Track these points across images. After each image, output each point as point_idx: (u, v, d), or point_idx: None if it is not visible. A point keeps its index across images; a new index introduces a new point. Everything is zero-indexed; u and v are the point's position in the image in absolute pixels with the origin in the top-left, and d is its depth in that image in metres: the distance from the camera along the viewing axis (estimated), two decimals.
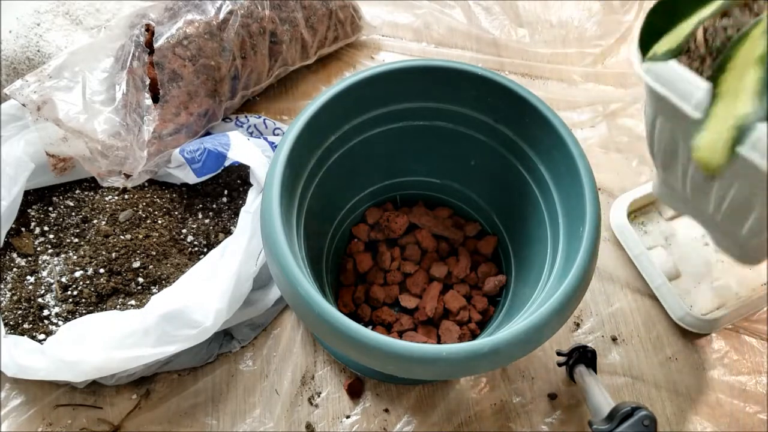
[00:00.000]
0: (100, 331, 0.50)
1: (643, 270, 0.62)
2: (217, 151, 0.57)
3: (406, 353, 0.37)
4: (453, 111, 0.52)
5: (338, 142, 0.51)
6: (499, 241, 0.60)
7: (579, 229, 0.42)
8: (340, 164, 0.53)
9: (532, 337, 0.39)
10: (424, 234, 0.61)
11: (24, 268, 0.58)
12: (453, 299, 0.57)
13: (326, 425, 0.56)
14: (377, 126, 0.53)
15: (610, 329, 0.61)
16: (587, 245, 0.41)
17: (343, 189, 0.57)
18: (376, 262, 0.60)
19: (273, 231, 0.41)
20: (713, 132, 0.32)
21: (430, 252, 0.61)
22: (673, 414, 0.57)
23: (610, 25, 0.79)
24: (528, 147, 0.49)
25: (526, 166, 0.51)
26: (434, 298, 0.58)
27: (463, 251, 0.60)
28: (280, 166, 0.44)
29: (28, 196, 0.61)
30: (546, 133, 0.46)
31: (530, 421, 0.56)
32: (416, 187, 0.62)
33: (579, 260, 0.41)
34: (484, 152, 0.53)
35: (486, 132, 0.52)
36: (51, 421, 0.55)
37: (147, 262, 0.57)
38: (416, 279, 0.59)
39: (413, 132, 0.54)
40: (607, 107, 0.73)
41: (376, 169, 0.59)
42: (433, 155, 0.57)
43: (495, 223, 0.59)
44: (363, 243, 0.61)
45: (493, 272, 0.60)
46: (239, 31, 0.62)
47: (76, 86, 0.58)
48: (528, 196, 0.51)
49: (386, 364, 0.38)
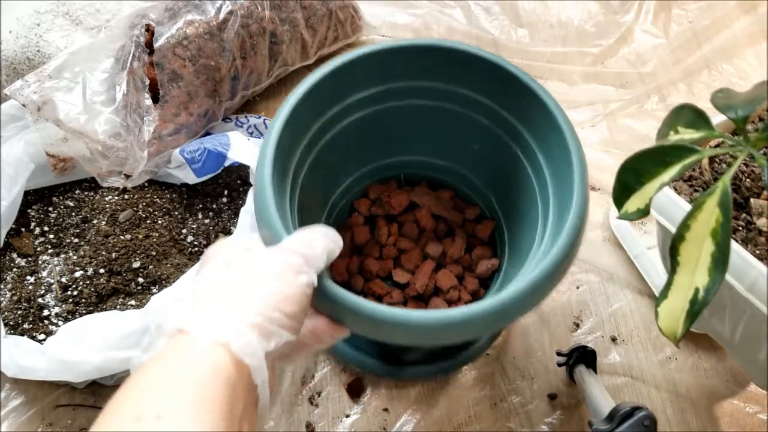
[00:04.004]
0: (100, 331, 0.50)
1: (643, 270, 0.62)
2: (217, 151, 0.57)
3: (393, 318, 0.37)
4: (459, 93, 0.52)
5: (341, 113, 0.51)
6: (496, 226, 0.61)
7: (567, 207, 0.43)
8: (342, 137, 0.53)
9: (507, 308, 0.39)
10: (424, 213, 0.61)
11: (24, 268, 0.58)
12: (444, 278, 0.58)
13: (326, 425, 0.56)
14: (382, 102, 0.53)
15: (610, 329, 0.61)
16: (571, 225, 0.41)
17: (344, 162, 0.57)
18: (374, 236, 0.61)
19: (263, 191, 0.41)
20: (674, 300, 0.32)
21: (428, 231, 0.62)
22: (673, 414, 0.57)
23: (609, 25, 0.79)
24: (527, 131, 0.50)
25: (524, 150, 0.51)
26: (426, 274, 0.58)
27: (460, 233, 0.61)
28: (278, 127, 0.43)
29: (28, 196, 0.61)
30: (544, 119, 0.46)
31: (530, 421, 0.56)
32: (420, 167, 0.62)
33: (564, 235, 0.41)
34: (486, 136, 0.54)
35: (489, 116, 0.52)
36: (51, 421, 0.55)
37: (147, 262, 0.57)
38: (411, 256, 0.60)
39: (418, 111, 0.54)
40: (607, 107, 0.73)
41: (379, 146, 0.59)
42: (437, 136, 0.57)
43: (494, 207, 0.60)
44: (363, 217, 0.62)
45: (487, 256, 0.60)
46: (239, 31, 0.62)
47: (76, 87, 0.58)
48: (524, 180, 0.52)
49: (376, 328, 0.38)
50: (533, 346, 0.60)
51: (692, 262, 0.32)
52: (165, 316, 0.30)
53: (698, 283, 0.31)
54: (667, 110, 0.69)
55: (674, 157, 0.34)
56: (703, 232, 0.32)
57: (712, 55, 0.76)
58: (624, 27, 0.78)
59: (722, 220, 0.31)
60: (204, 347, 0.28)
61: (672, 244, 0.33)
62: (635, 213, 0.35)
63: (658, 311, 0.33)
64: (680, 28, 0.78)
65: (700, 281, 0.31)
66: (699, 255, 0.32)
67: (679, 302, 0.32)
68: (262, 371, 0.29)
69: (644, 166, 0.35)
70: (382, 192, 0.62)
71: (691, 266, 0.32)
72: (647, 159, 0.35)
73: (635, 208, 0.35)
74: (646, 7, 0.79)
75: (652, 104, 0.73)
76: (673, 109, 0.39)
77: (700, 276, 0.31)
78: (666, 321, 0.32)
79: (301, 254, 0.34)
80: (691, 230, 0.32)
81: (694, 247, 0.32)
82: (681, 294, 0.32)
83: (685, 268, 0.32)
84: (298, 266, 0.33)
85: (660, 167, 0.34)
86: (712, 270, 0.31)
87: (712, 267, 0.31)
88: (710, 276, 0.31)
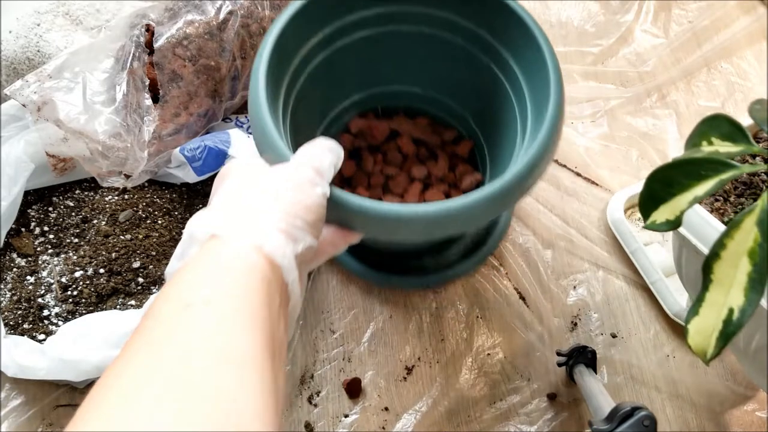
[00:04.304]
0: (100, 331, 0.50)
1: (640, 266, 0.63)
2: (217, 149, 0.57)
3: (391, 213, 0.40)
4: (437, 16, 0.53)
5: (323, 42, 0.53)
6: (475, 145, 0.64)
7: (545, 104, 0.45)
8: (324, 67, 0.54)
9: (506, 192, 0.41)
10: (405, 140, 0.64)
11: (24, 268, 0.58)
12: (433, 196, 0.60)
13: (325, 425, 0.56)
14: (362, 28, 0.54)
15: (609, 328, 0.61)
16: (549, 123, 0.43)
17: (326, 94, 0.59)
18: (360, 167, 0.63)
19: (260, 113, 0.43)
20: (705, 318, 0.31)
21: (411, 156, 0.64)
22: (672, 414, 0.57)
23: (609, 25, 0.79)
24: (504, 48, 0.52)
25: (501, 65, 0.53)
26: (415, 195, 0.60)
27: (442, 154, 0.64)
28: (266, 55, 0.45)
29: (28, 196, 0.61)
30: (521, 34, 0.48)
31: (530, 421, 0.56)
32: (397, 97, 0.65)
33: (540, 137, 0.43)
34: (463, 57, 0.55)
35: (468, 37, 0.54)
36: (51, 421, 0.55)
37: (147, 262, 0.57)
38: (398, 180, 0.62)
39: (397, 38, 0.56)
40: (607, 103, 0.73)
41: (358, 77, 0.61)
42: (414, 62, 0.59)
43: (471, 128, 0.63)
44: (347, 151, 0.64)
45: (470, 171, 0.63)
46: (239, 31, 0.62)
47: (76, 87, 0.58)
48: (502, 97, 0.54)
49: (375, 225, 0.41)
50: (533, 346, 0.60)
51: (727, 281, 0.31)
52: (197, 225, 0.32)
53: (733, 303, 0.31)
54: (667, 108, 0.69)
55: (710, 170, 0.32)
56: (740, 251, 0.31)
57: (711, 54, 0.76)
58: (624, 27, 0.78)
59: (761, 240, 0.30)
60: (238, 249, 0.30)
61: (706, 262, 0.32)
62: (664, 224, 0.34)
63: (689, 328, 0.32)
64: (680, 28, 0.78)
65: (735, 301, 0.31)
66: (735, 274, 0.31)
67: (711, 321, 0.31)
68: (292, 270, 0.31)
69: (676, 178, 0.34)
70: (362, 125, 0.64)
71: (726, 285, 0.31)
72: (680, 170, 0.33)
73: (664, 219, 0.34)
74: (646, 7, 0.79)
75: (651, 102, 0.73)
76: (705, 119, 0.37)
77: (735, 296, 0.31)
78: (696, 339, 0.32)
79: (313, 168, 0.36)
80: (727, 249, 0.31)
81: (729, 266, 0.31)
82: (713, 313, 0.31)
83: (718, 287, 0.31)
84: (312, 179, 0.35)
85: (693, 180, 0.33)
86: (748, 291, 0.30)
87: (748, 287, 0.30)
88: (746, 297, 0.30)
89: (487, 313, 0.61)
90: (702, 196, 0.33)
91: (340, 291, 0.63)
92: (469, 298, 0.62)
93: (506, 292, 0.62)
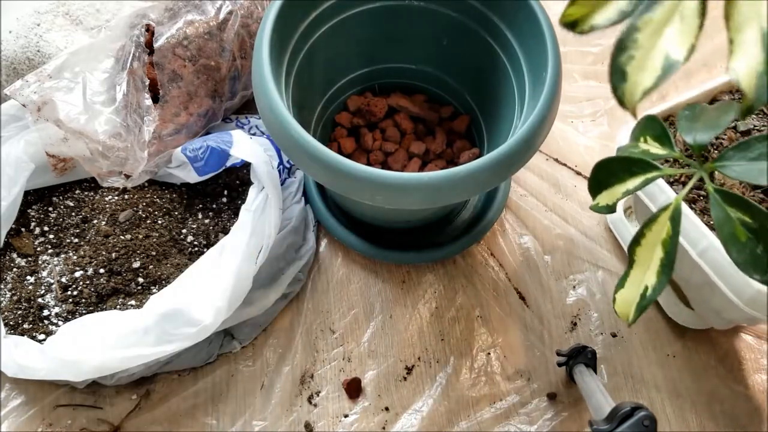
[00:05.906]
0: (100, 331, 0.50)
1: None
2: (220, 149, 0.57)
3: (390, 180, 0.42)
4: None
5: (319, 19, 0.53)
6: (472, 120, 0.64)
7: (542, 72, 0.46)
8: (321, 44, 0.55)
9: (505, 160, 0.43)
10: (403, 116, 0.65)
11: (24, 268, 0.58)
12: (432, 172, 0.61)
13: (325, 424, 0.56)
14: (356, 5, 0.55)
15: (609, 327, 0.61)
16: (548, 92, 0.45)
17: (324, 72, 0.60)
18: (359, 144, 0.64)
19: (265, 84, 0.44)
20: (628, 291, 0.37)
21: (409, 133, 0.65)
22: (672, 413, 0.57)
23: None
24: (498, 19, 0.52)
25: (497, 38, 0.54)
26: (414, 171, 0.61)
27: (439, 130, 0.65)
28: (267, 30, 0.46)
29: (28, 196, 0.61)
30: (515, 2, 0.50)
31: (530, 421, 0.56)
32: (393, 74, 0.65)
33: (539, 106, 0.45)
34: (458, 30, 0.56)
35: (462, 10, 0.55)
36: (51, 421, 0.55)
37: (147, 262, 0.57)
38: (397, 156, 0.63)
39: (392, 13, 0.56)
40: (607, 102, 0.73)
41: (355, 55, 0.62)
42: (409, 38, 0.60)
43: (468, 103, 0.64)
44: (346, 129, 0.65)
45: (467, 147, 0.63)
46: (239, 31, 0.62)
47: (76, 87, 0.58)
48: (499, 70, 0.55)
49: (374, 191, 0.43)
50: (533, 346, 0.60)
51: (645, 263, 0.37)
52: None
53: (648, 281, 0.36)
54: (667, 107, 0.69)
55: (639, 169, 0.38)
56: (656, 240, 0.36)
57: (711, 54, 0.76)
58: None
59: (672, 233, 0.36)
60: None
61: (630, 245, 0.38)
62: (604, 208, 0.40)
63: (616, 297, 0.38)
64: None
65: (650, 280, 0.36)
66: (651, 258, 0.36)
67: (632, 294, 0.37)
68: None
69: (616, 170, 0.39)
70: (361, 102, 0.65)
71: (644, 267, 0.37)
72: (618, 164, 0.39)
73: (604, 203, 0.40)
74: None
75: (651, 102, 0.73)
76: (644, 117, 0.42)
77: (651, 276, 0.36)
78: (621, 306, 0.38)
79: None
80: (646, 238, 0.37)
81: (647, 252, 0.37)
82: (634, 287, 0.37)
83: (639, 267, 0.37)
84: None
85: (626, 175, 0.39)
86: (659, 273, 0.36)
87: (659, 271, 0.36)
88: (658, 278, 0.36)
89: (487, 313, 0.61)
90: (632, 190, 0.38)
91: (341, 291, 0.63)
92: (469, 298, 0.62)
93: (506, 292, 0.62)
